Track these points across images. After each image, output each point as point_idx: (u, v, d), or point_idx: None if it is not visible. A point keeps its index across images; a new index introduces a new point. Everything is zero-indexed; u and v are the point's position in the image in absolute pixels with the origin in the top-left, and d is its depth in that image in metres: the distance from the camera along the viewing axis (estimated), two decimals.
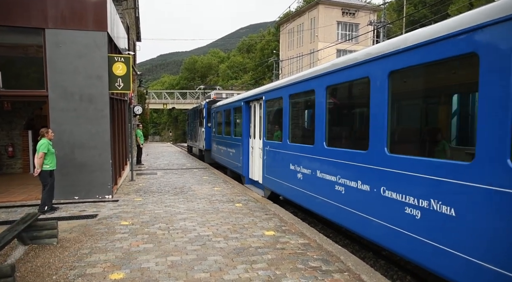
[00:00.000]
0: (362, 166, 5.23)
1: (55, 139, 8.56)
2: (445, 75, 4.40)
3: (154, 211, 7.83)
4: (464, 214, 3.55)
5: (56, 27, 8.44)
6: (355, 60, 5.43)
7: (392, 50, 4.57)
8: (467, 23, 3.51)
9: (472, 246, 3.45)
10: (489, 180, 3.28)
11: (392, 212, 4.53)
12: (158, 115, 77.65)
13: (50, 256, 5.09)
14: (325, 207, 6.36)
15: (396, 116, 4.87)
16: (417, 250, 4.14)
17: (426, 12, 46.37)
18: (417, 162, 4.14)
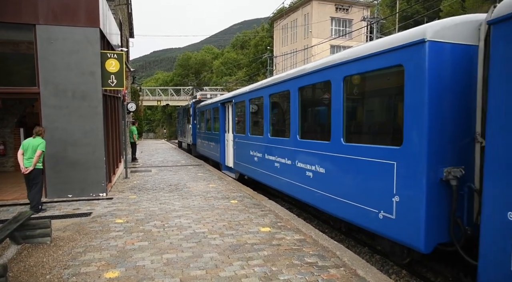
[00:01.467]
0: (287, 149, 7.95)
1: (47, 137, 8.47)
2: (382, 81, 5.47)
3: (149, 208, 7.78)
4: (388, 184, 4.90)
5: (47, 23, 8.31)
6: (321, 66, 6.53)
7: (345, 60, 5.77)
8: (396, 43, 4.70)
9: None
10: (417, 158, 4.38)
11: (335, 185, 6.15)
12: (152, 112, 77.21)
13: (44, 255, 5.03)
14: (270, 180, 9.07)
15: (349, 113, 5.99)
16: (352, 212, 5.68)
17: (418, 7, 46.50)
18: (366, 148, 5.33)
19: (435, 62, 4.24)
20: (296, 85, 7.52)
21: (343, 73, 5.85)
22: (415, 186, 4.41)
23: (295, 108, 7.56)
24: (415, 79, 4.40)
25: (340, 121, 5.94)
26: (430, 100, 4.24)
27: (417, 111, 4.39)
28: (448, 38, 4.28)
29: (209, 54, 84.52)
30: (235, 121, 12.32)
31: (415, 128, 4.42)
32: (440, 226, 4.32)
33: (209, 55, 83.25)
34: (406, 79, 4.54)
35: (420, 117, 4.33)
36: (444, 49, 4.27)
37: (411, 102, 4.47)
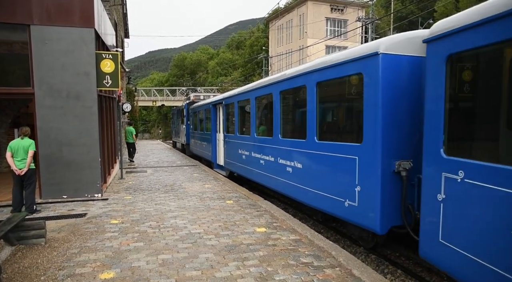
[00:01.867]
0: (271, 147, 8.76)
1: (42, 137, 8.43)
2: (347, 86, 6.13)
3: (145, 209, 7.76)
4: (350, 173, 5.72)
5: (41, 23, 8.27)
6: (298, 72, 7.29)
7: (318, 67, 6.50)
8: (357, 54, 5.49)
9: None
10: (373, 154, 5.15)
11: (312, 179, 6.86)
12: (148, 112, 76.91)
13: (38, 257, 5.01)
14: (257, 176, 9.82)
15: (321, 114, 6.73)
16: (314, 198, 6.75)
17: (413, 8, 46.76)
18: (334, 145, 6.15)
19: (387, 71, 5.00)
20: (278, 89, 8.31)
21: (316, 79, 6.62)
22: (372, 177, 5.20)
23: (277, 110, 8.37)
24: (371, 86, 5.18)
25: (314, 121, 6.72)
26: (383, 103, 5.01)
27: (373, 113, 5.16)
28: (399, 51, 5.05)
29: (204, 54, 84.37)
30: (225, 122, 13.13)
31: (371, 128, 5.18)
32: (393, 211, 5.11)
33: (204, 55, 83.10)
34: (364, 85, 5.32)
35: (375, 118, 5.10)
36: (395, 60, 5.05)
37: (368, 105, 5.25)
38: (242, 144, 11.07)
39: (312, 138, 6.78)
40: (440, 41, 4.08)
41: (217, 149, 14.52)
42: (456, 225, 3.85)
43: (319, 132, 6.67)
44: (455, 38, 3.87)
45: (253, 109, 10.08)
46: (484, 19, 3.45)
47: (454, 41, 3.89)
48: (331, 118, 6.99)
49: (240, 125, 11.50)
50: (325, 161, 6.39)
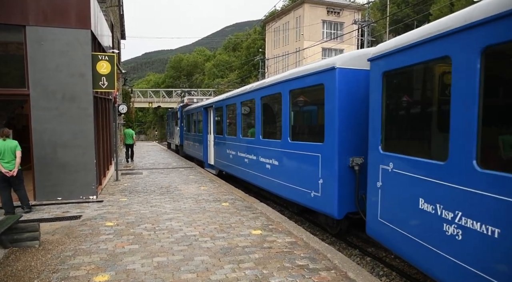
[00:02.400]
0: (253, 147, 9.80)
1: (37, 138, 8.38)
2: (313, 95, 7.19)
3: (140, 211, 7.73)
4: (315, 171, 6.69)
5: (37, 24, 8.23)
6: (275, 81, 8.34)
7: (291, 77, 7.56)
8: (320, 68, 6.44)
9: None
10: (332, 151, 6.15)
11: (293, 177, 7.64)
12: (144, 114, 76.70)
13: (32, 259, 4.97)
14: (242, 173, 10.82)
15: (293, 118, 7.77)
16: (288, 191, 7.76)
17: (409, 11, 47.05)
18: (303, 145, 7.12)
19: (342, 82, 6.01)
20: (259, 95, 9.32)
21: (289, 87, 7.65)
22: (331, 171, 6.21)
23: (258, 113, 9.39)
24: (330, 94, 6.18)
25: (287, 124, 7.72)
26: (339, 109, 6.01)
27: (331, 117, 6.14)
28: (352, 65, 6.08)
29: (201, 56, 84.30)
30: (215, 124, 14.26)
31: (330, 129, 6.18)
32: (348, 199, 6.12)
33: (201, 57, 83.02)
34: (325, 94, 6.31)
35: (333, 121, 6.09)
36: (348, 73, 6.05)
37: (328, 111, 6.24)
38: (229, 145, 12.07)
39: (286, 139, 7.80)
40: (378, 61, 5.11)
41: (208, 149, 15.50)
42: (388, 205, 4.90)
43: (292, 134, 7.71)
44: (387, 60, 4.90)
45: (239, 112, 11.09)
46: (404, 46, 4.51)
47: (387, 62, 4.92)
48: (301, 121, 8.10)
49: (228, 127, 12.52)
50: (296, 158, 7.44)
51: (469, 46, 3.49)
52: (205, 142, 15.76)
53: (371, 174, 5.27)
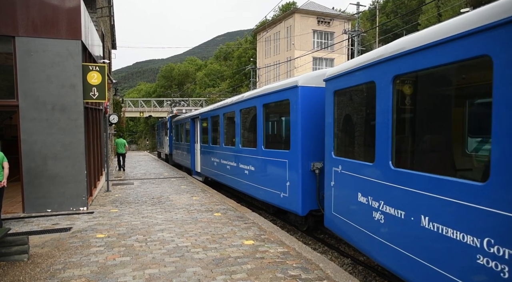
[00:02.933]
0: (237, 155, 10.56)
1: (26, 150, 8.29)
2: (281, 109, 8.28)
3: (131, 222, 7.65)
4: (283, 176, 7.71)
5: (27, 35, 8.20)
6: (252, 95, 9.38)
7: (263, 93, 8.63)
8: (286, 86, 7.55)
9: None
10: (296, 157, 7.16)
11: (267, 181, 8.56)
12: (135, 123, 76.32)
13: (20, 273, 4.88)
14: (224, 179, 11.81)
15: (266, 128, 8.81)
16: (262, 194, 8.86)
17: (398, 21, 47.88)
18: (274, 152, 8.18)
19: (304, 98, 7.05)
20: (238, 108, 10.29)
21: (262, 101, 8.68)
22: (296, 174, 7.20)
23: (238, 124, 10.36)
24: (294, 108, 7.22)
25: (261, 133, 8.68)
26: (302, 121, 7.05)
27: (295, 128, 7.17)
28: (312, 83, 7.12)
29: (192, 65, 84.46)
30: (201, 134, 15.25)
31: (295, 138, 7.22)
32: (311, 199, 7.15)
33: (192, 66, 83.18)
34: (290, 108, 7.35)
35: (296, 131, 7.13)
36: (309, 90, 7.09)
37: (293, 122, 7.26)
38: (214, 153, 12.99)
39: (260, 147, 8.78)
40: (331, 81, 6.16)
41: (195, 157, 16.44)
42: (338, 200, 5.94)
43: (265, 142, 8.70)
44: (336, 81, 5.95)
45: (222, 123, 12.10)
46: (347, 71, 5.55)
47: (336, 83, 5.96)
48: (272, 131, 9.21)
49: (212, 137, 13.51)
50: (268, 164, 8.47)
51: (386, 74, 4.49)
52: (192, 150, 16.67)
53: (326, 175, 6.37)
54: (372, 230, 4.81)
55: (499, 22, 2.97)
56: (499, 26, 2.98)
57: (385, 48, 4.66)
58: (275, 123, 9.11)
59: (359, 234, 5.23)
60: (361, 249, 5.31)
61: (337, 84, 5.98)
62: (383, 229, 4.54)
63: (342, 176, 5.77)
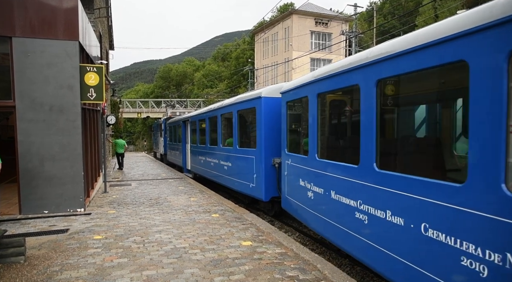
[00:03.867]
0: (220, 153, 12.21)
1: (23, 151, 8.25)
2: (251, 115, 9.68)
3: (129, 223, 7.64)
4: (248, 171, 9.62)
5: (24, 35, 8.16)
6: (230, 103, 11.17)
7: (238, 101, 10.33)
8: (252, 96, 9.18)
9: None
10: (260, 154, 8.77)
11: (238, 174, 10.52)
12: (132, 124, 76.20)
13: (17, 276, 4.86)
14: (210, 174, 13.51)
15: (240, 131, 10.53)
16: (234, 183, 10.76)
17: (395, 22, 48.01)
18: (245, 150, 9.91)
19: (266, 106, 8.71)
20: (220, 113, 12.08)
21: (236, 108, 10.46)
22: (260, 168, 8.87)
23: (219, 127, 12.16)
24: (259, 115, 8.86)
25: (236, 135, 10.52)
26: (264, 125, 8.72)
27: (260, 130, 8.79)
28: (272, 94, 8.73)
29: (190, 66, 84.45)
30: (191, 135, 17.15)
31: (259, 139, 8.85)
32: (272, 188, 8.79)
33: (190, 67, 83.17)
34: (256, 114, 8.96)
35: (260, 133, 8.78)
36: (270, 100, 8.73)
37: (258, 126, 8.90)
38: (201, 152, 14.83)
39: (236, 146, 10.57)
40: (284, 94, 7.93)
41: (186, 156, 18.25)
42: (289, 186, 7.72)
43: (239, 142, 10.42)
44: (288, 94, 7.72)
45: (207, 126, 13.87)
46: (294, 87, 7.26)
47: (288, 95, 7.74)
48: (244, 133, 10.69)
49: (200, 138, 15.30)
50: (241, 160, 10.15)
51: (314, 91, 6.27)
52: (184, 150, 18.61)
53: (282, 167, 8.12)
54: (308, 205, 6.61)
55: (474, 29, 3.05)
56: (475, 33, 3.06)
57: (312, 74, 6.44)
58: (246, 126, 10.61)
59: (301, 210, 7.01)
60: (302, 220, 7.09)
61: (288, 97, 7.71)
62: (314, 202, 6.32)
63: (291, 167, 7.57)
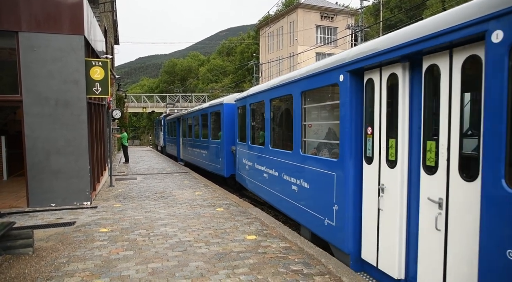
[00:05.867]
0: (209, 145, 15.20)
1: (30, 145, 8.34)
2: (215, 117, 13.93)
3: (134, 217, 7.71)
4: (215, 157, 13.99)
5: (30, 30, 8.22)
6: (205, 106, 15.20)
7: (210, 105, 14.46)
8: (217, 103, 13.52)
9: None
10: (223, 144, 12.77)
11: (202, 157, 15.55)
12: (138, 119, 76.48)
13: (26, 267, 4.94)
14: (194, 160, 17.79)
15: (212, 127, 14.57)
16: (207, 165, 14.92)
17: (402, 16, 47.54)
18: (215, 141, 13.84)
19: (226, 110, 12.25)
20: (200, 113, 16.16)
21: (210, 110, 14.20)
22: (223, 153, 12.44)
23: (199, 123, 16.35)
24: (222, 116, 12.44)
25: (209, 130, 14.51)
26: (225, 123, 12.28)
27: (222, 127, 12.42)
28: (231, 101, 12.19)
29: (195, 61, 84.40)
30: (182, 130, 21.39)
31: (222, 133, 12.41)
32: (231, 167, 12.26)
33: (195, 62, 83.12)
34: (221, 116, 12.59)
35: (223, 129, 12.33)
36: (229, 106, 12.20)
37: (221, 124, 12.56)
38: (189, 143, 19.03)
39: (209, 138, 14.57)
40: (236, 102, 11.34)
41: (180, 148, 22.42)
42: (238, 164, 11.11)
43: (212, 136, 14.33)
44: (238, 103, 11.19)
45: (193, 123, 17.95)
46: (238, 98, 11.25)
47: (238, 103, 11.14)
48: (215, 129, 14.10)
49: (188, 132, 19.42)
50: (212, 149, 14.01)
51: (247, 104, 9.84)
52: (178, 142, 22.77)
53: (236, 152, 11.56)
54: (258, 180, 9.12)
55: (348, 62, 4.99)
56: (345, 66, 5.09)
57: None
58: (216, 125, 13.99)
59: (244, 180, 10.55)
60: (246, 186, 10.45)
61: (238, 104, 11.20)
62: (261, 178, 8.82)
63: (239, 151, 11.09)
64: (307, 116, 6.52)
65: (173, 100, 52.02)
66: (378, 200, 4.46)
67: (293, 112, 6.71)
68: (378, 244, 4.48)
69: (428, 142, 3.74)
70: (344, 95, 4.95)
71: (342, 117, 4.98)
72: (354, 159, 4.89)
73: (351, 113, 4.84)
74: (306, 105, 6.43)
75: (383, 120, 4.37)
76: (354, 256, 4.96)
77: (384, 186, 4.35)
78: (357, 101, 4.85)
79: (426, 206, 3.74)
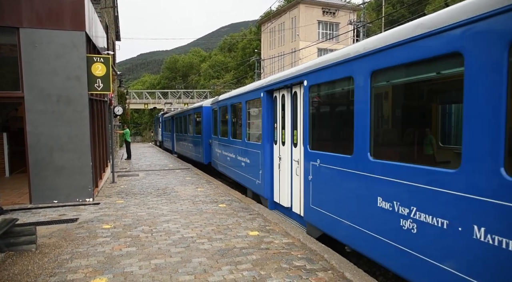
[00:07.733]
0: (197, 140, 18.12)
1: (32, 141, 8.34)
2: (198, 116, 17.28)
3: (137, 213, 7.72)
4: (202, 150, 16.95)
5: (31, 26, 8.19)
6: (190, 108, 19.44)
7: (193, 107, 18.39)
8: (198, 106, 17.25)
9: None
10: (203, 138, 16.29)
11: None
12: (139, 115, 76.53)
13: (29, 263, 4.95)
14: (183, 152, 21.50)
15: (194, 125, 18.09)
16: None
17: (404, 12, 47.26)
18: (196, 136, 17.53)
19: (205, 112, 15.58)
20: (187, 113, 19.42)
21: (193, 111, 17.91)
22: (203, 145, 15.80)
23: (187, 122, 19.48)
24: (202, 117, 15.83)
25: (193, 127, 17.94)
26: (204, 122, 15.65)
27: (202, 125, 15.88)
28: (209, 105, 15.23)
29: (196, 57, 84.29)
30: (176, 126, 24.66)
31: (203, 129, 15.83)
32: (209, 156, 15.31)
33: (196, 58, 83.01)
34: (201, 116, 16.08)
35: (203, 126, 15.75)
36: (207, 108, 15.41)
37: (202, 122, 15.97)
38: (179, 138, 22.80)
39: (193, 133, 17.73)
40: (212, 105, 14.32)
41: (174, 142, 25.66)
42: (214, 154, 13.86)
43: (194, 131, 17.55)
44: (213, 106, 14.13)
45: (182, 121, 21.35)
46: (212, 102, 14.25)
47: (213, 106, 14.00)
48: (197, 126, 17.15)
49: (179, 128, 22.76)
50: (195, 141, 17.27)
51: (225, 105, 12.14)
52: (172, 137, 26.02)
53: (212, 144, 14.04)
54: (224, 163, 11.77)
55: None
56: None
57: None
58: (198, 123, 16.93)
59: (216, 164, 13.14)
60: (217, 169, 13.18)
61: (212, 107, 13.84)
62: (226, 161, 11.43)
63: (215, 143, 13.35)
64: (250, 117, 9.63)
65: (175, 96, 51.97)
66: (279, 164, 7.70)
67: (242, 115, 9.96)
68: (279, 189, 7.63)
69: (294, 131, 6.91)
70: (263, 105, 8.24)
71: (263, 117, 8.27)
72: (269, 142, 8.16)
73: (267, 116, 8.12)
74: (249, 109, 9.62)
75: (279, 119, 7.71)
76: (270, 200, 8.19)
77: (280, 156, 7.60)
78: (269, 109, 8.13)
79: (294, 163, 7.00)
